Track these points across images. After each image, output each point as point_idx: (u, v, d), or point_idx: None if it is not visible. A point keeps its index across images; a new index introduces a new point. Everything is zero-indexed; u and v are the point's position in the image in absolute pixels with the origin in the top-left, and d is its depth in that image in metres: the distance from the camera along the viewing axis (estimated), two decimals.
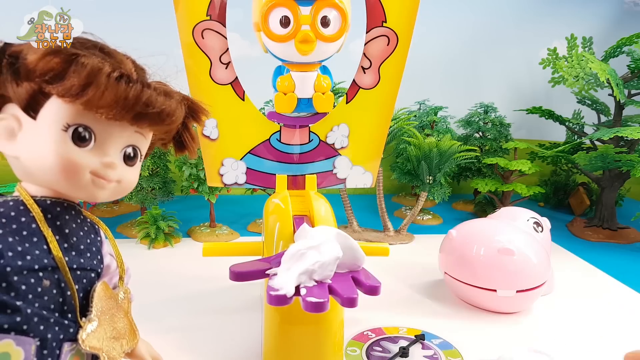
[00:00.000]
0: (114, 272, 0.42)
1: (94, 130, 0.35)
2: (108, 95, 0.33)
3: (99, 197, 0.37)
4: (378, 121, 0.80)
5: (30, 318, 0.33)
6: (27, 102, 0.34)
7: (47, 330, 0.34)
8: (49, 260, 0.35)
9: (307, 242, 0.51)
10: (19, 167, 0.36)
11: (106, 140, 0.36)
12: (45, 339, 0.34)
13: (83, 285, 0.37)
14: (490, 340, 0.75)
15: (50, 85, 0.33)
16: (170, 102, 0.37)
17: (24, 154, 0.35)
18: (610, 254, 1.19)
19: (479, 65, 1.79)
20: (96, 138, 0.35)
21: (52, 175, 0.35)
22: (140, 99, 0.34)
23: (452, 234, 0.88)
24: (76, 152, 0.35)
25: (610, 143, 1.26)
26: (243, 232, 1.25)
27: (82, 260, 0.37)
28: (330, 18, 0.68)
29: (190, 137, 0.43)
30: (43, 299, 0.34)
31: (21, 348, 0.33)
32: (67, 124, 0.34)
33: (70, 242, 0.37)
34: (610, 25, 1.79)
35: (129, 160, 0.38)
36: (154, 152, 1.20)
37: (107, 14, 1.49)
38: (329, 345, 0.61)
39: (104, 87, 0.33)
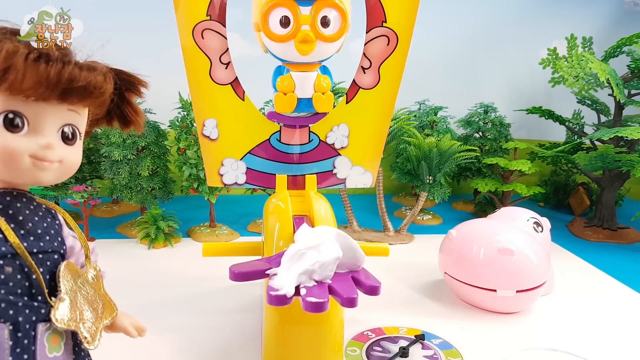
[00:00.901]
0: (80, 253, 0.42)
1: (24, 114, 0.35)
2: (29, 77, 0.33)
3: (44, 180, 0.37)
4: (378, 121, 0.80)
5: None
6: None
7: (17, 314, 0.35)
8: (7, 248, 0.35)
9: (307, 242, 0.51)
10: None
11: (39, 122, 0.36)
12: (17, 323, 0.35)
13: (48, 268, 0.38)
14: (490, 340, 0.75)
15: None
16: (94, 75, 0.36)
17: None
18: (610, 254, 1.19)
19: (479, 65, 1.79)
20: (29, 122, 0.35)
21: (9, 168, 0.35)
22: (62, 76, 0.34)
23: (452, 234, 0.88)
24: (11, 138, 0.35)
25: (610, 143, 1.26)
26: (243, 232, 1.25)
27: (42, 244, 0.38)
28: (330, 18, 0.68)
29: (134, 110, 0.42)
30: (8, 285, 0.35)
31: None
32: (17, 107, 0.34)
33: (26, 228, 0.37)
34: (610, 25, 1.79)
35: (68, 140, 0.38)
36: (154, 152, 1.20)
37: (107, 14, 1.49)
38: (329, 345, 0.61)
39: (23, 69, 0.32)
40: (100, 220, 1.32)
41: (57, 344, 0.38)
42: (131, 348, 0.69)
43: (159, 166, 1.23)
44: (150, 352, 0.69)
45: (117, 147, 1.14)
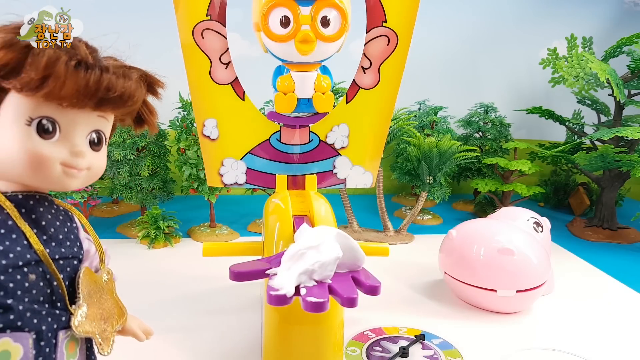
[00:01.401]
0: (94, 256, 0.42)
1: (57, 120, 0.35)
2: (69, 84, 0.32)
3: (71, 187, 0.37)
4: (378, 121, 0.80)
5: (23, 314, 0.33)
6: None
7: (40, 323, 0.34)
8: (31, 254, 0.35)
9: (307, 242, 0.51)
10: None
11: (71, 129, 0.35)
12: (40, 331, 0.34)
13: (67, 274, 0.38)
14: (490, 340, 0.75)
15: (6, 80, 0.32)
16: (130, 84, 0.36)
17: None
18: (610, 254, 1.19)
19: (479, 65, 1.79)
20: (61, 128, 0.35)
21: (22, 171, 0.34)
22: (101, 85, 0.34)
23: (452, 234, 0.88)
24: (43, 145, 0.34)
25: (610, 143, 1.26)
26: (243, 232, 1.25)
27: (63, 250, 0.37)
28: (330, 18, 0.68)
29: (149, 111, 0.42)
30: (32, 293, 0.34)
31: (19, 344, 0.33)
32: (30, 118, 0.34)
33: (48, 234, 0.37)
34: (610, 25, 1.79)
35: (95, 146, 0.38)
36: (154, 152, 1.20)
37: (107, 14, 1.49)
38: (329, 345, 0.61)
39: (64, 77, 0.32)
40: (100, 220, 1.32)
41: (73, 350, 0.38)
42: (131, 348, 0.69)
43: (159, 166, 1.23)
44: (150, 352, 0.69)
45: (117, 147, 1.14)
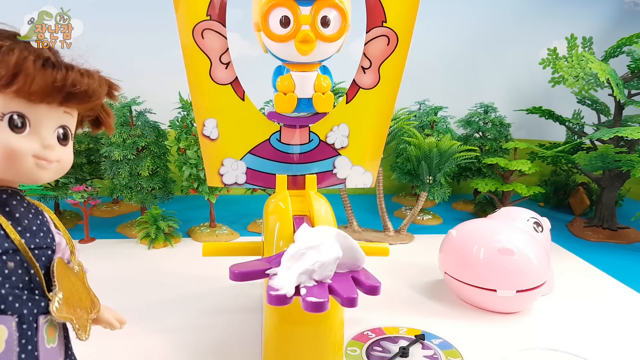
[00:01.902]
0: (65, 249, 0.44)
1: (27, 116, 0.36)
2: (38, 81, 0.35)
3: (43, 179, 0.39)
4: (378, 121, 0.80)
5: (5, 298, 0.35)
6: None
7: (22, 307, 0.36)
8: (8, 243, 0.36)
9: (307, 242, 0.51)
10: None
11: (40, 124, 0.37)
12: (22, 315, 0.36)
13: (43, 263, 0.39)
14: (490, 340, 0.75)
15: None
16: (93, 81, 0.39)
17: None
18: (610, 254, 1.19)
19: (479, 65, 1.79)
20: (30, 123, 0.37)
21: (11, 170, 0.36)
22: (67, 81, 0.36)
23: (452, 234, 0.88)
24: (15, 138, 0.36)
25: (610, 143, 1.26)
26: (243, 232, 1.25)
27: (37, 240, 0.39)
28: (330, 18, 0.68)
29: (106, 113, 0.44)
30: (12, 280, 0.36)
31: (4, 326, 0.35)
32: (1, 114, 0.35)
33: (22, 225, 0.38)
34: (610, 25, 1.79)
35: (62, 140, 0.40)
36: (154, 152, 1.20)
37: (107, 14, 1.49)
38: (329, 345, 0.61)
39: (33, 74, 0.34)
40: (100, 220, 1.32)
41: (53, 335, 0.40)
42: (131, 348, 0.69)
43: (159, 166, 1.23)
44: (150, 352, 0.69)
45: (117, 147, 1.14)
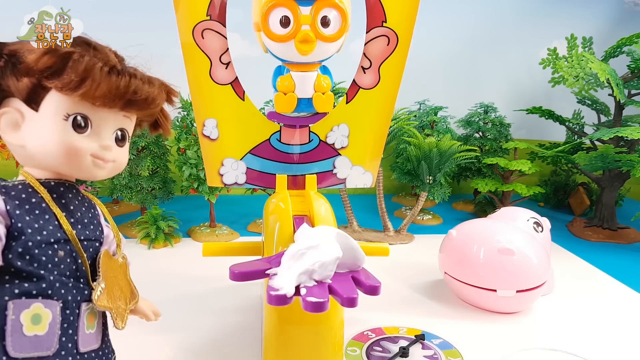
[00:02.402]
0: (112, 241, 0.47)
1: (89, 117, 0.40)
2: (102, 87, 0.38)
3: (98, 176, 0.42)
4: (378, 121, 0.80)
5: (53, 284, 0.38)
6: (28, 95, 0.38)
7: (67, 294, 0.39)
8: (61, 234, 0.39)
9: (307, 242, 0.51)
10: (23, 155, 0.40)
11: (100, 126, 0.40)
12: (66, 301, 0.39)
13: (90, 254, 0.42)
14: (490, 340, 0.75)
15: (49, 80, 0.37)
16: (153, 89, 0.42)
17: (29, 142, 0.39)
18: (610, 254, 1.19)
19: (479, 65, 1.79)
20: (92, 125, 0.40)
21: (57, 160, 0.39)
22: (129, 89, 0.39)
23: (452, 234, 0.88)
24: (77, 138, 0.39)
25: (610, 143, 1.26)
26: (243, 232, 1.25)
27: (87, 232, 0.42)
28: (330, 18, 0.67)
29: (164, 117, 0.47)
30: (60, 267, 0.39)
31: (49, 310, 0.38)
32: (67, 114, 0.39)
33: (75, 217, 0.41)
34: (610, 25, 1.79)
35: (119, 142, 0.43)
36: (154, 152, 1.20)
37: (107, 14, 1.49)
38: (329, 345, 0.61)
39: (99, 80, 0.37)
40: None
41: (92, 322, 0.42)
42: (132, 348, 0.69)
43: (159, 166, 1.23)
44: (150, 352, 0.69)
45: None
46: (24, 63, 0.37)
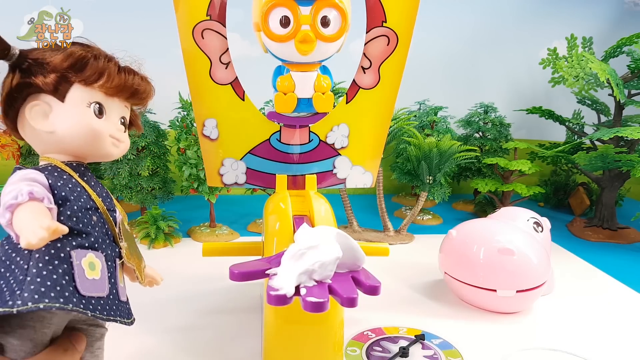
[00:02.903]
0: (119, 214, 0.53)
1: (104, 105, 0.48)
2: (115, 81, 0.47)
3: (114, 155, 0.50)
4: (378, 121, 0.80)
5: (97, 240, 0.46)
6: (55, 89, 0.45)
7: (106, 249, 0.47)
8: (91, 203, 0.47)
9: (307, 242, 0.51)
10: (50, 141, 0.47)
11: (112, 113, 0.49)
12: (107, 255, 0.46)
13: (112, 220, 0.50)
14: (490, 340, 0.75)
15: (75, 75, 0.46)
16: (148, 85, 0.52)
17: (59, 127, 0.46)
18: (610, 254, 1.19)
19: (479, 65, 1.79)
20: (106, 111, 0.48)
21: (83, 140, 0.47)
22: (133, 83, 0.49)
23: (452, 234, 0.88)
24: (98, 122, 0.47)
25: (610, 143, 1.26)
26: (243, 232, 1.25)
27: (107, 204, 0.49)
28: (330, 18, 0.67)
29: (134, 114, 0.55)
30: (96, 229, 0.46)
31: (99, 260, 0.45)
32: (89, 102, 0.47)
33: (97, 191, 0.48)
34: (610, 25, 1.79)
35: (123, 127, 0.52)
36: (154, 152, 1.20)
37: (107, 14, 1.49)
38: (329, 345, 0.61)
39: (113, 76, 0.47)
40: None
41: (122, 278, 0.50)
42: (132, 348, 0.69)
43: (159, 166, 1.23)
44: (150, 352, 0.69)
45: None
46: (50, 63, 0.45)
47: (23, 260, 0.41)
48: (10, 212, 0.40)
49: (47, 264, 0.41)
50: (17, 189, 0.41)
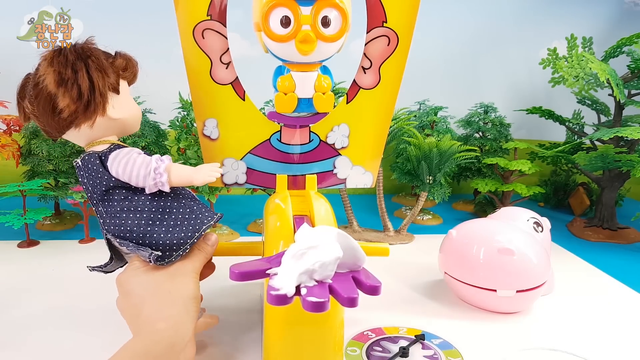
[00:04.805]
0: None
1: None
2: (134, 70, 0.62)
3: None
4: (378, 121, 0.80)
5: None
6: (114, 85, 0.58)
7: None
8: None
9: (307, 242, 0.51)
10: (115, 126, 0.59)
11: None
12: None
13: None
14: (490, 340, 0.75)
15: (124, 73, 0.60)
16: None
17: (126, 113, 0.60)
18: (610, 254, 1.19)
19: (479, 65, 1.79)
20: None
21: (138, 119, 0.63)
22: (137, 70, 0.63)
23: (452, 234, 0.88)
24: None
25: (610, 143, 1.26)
26: (243, 232, 1.25)
27: None
28: (330, 18, 0.67)
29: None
30: None
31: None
32: (128, 91, 0.62)
33: None
34: (610, 25, 1.79)
35: None
36: (154, 153, 1.19)
37: (107, 14, 1.49)
38: (329, 345, 0.61)
39: (133, 66, 0.62)
40: None
41: None
42: None
43: None
44: None
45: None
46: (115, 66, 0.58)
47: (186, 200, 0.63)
48: (167, 171, 0.58)
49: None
50: (145, 157, 0.57)
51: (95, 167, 0.57)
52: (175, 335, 0.54)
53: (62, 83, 0.53)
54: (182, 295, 0.58)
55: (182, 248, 0.59)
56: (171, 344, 0.54)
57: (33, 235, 1.16)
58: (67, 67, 0.53)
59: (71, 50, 0.54)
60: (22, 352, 0.68)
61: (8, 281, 0.92)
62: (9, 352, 0.68)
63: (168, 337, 0.54)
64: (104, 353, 0.52)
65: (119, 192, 0.58)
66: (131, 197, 0.58)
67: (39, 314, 0.79)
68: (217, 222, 0.63)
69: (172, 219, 0.59)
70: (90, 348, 0.69)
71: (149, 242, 0.57)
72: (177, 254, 0.59)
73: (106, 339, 0.71)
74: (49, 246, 1.11)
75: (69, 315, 0.79)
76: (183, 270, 0.60)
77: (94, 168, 0.57)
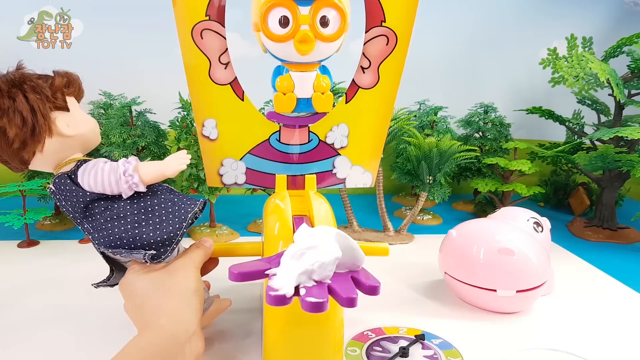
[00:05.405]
0: None
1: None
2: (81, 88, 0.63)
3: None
4: (378, 121, 0.80)
5: None
6: (62, 104, 0.58)
7: None
8: None
9: (306, 242, 0.51)
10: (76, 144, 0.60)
11: None
12: None
13: None
14: (490, 340, 0.75)
15: (68, 90, 0.60)
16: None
17: (79, 129, 0.60)
18: (610, 254, 1.19)
19: (479, 66, 1.79)
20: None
21: (97, 131, 0.63)
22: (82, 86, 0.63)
23: (452, 234, 0.88)
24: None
25: (610, 143, 1.26)
26: (243, 232, 1.25)
27: None
28: (329, 18, 0.67)
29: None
30: None
31: None
32: (77, 107, 0.62)
33: None
34: (610, 25, 1.79)
35: None
36: (154, 152, 1.20)
37: (107, 14, 1.49)
38: (329, 345, 0.61)
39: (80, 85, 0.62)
40: None
41: None
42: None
43: None
44: None
45: (117, 147, 1.14)
46: (55, 86, 0.57)
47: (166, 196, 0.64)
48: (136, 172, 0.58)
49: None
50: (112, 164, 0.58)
51: (67, 187, 0.58)
52: (177, 328, 0.55)
53: (3, 114, 0.53)
54: (183, 290, 0.59)
55: (174, 241, 0.59)
56: (174, 336, 0.54)
57: (33, 235, 1.16)
58: (2, 97, 0.53)
59: (3, 80, 0.54)
60: (22, 352, 0.68)
61: (8, 281, 0.92)
62: (9, 352, 0.68)
63: (170, 330, 0.54)
64: (105, 353, 0.52)
65: (98, 204, 0.58)
66: (111, 206, 0.59)
67: (39, 314, 0.79)
68: (202, 208, 0.63)
69: (157, 216, 0.60)
70: (91, 348, 0.69)
71: (140, 244, 0.57)
72: (172, 248, 0.59)
73: (106, 339, 0.71)
74: (49, 246, 1.11)
75: (69, 315, 0.79)
76: (182, 266, 0.61)
77: (67, 188, 0.58)
